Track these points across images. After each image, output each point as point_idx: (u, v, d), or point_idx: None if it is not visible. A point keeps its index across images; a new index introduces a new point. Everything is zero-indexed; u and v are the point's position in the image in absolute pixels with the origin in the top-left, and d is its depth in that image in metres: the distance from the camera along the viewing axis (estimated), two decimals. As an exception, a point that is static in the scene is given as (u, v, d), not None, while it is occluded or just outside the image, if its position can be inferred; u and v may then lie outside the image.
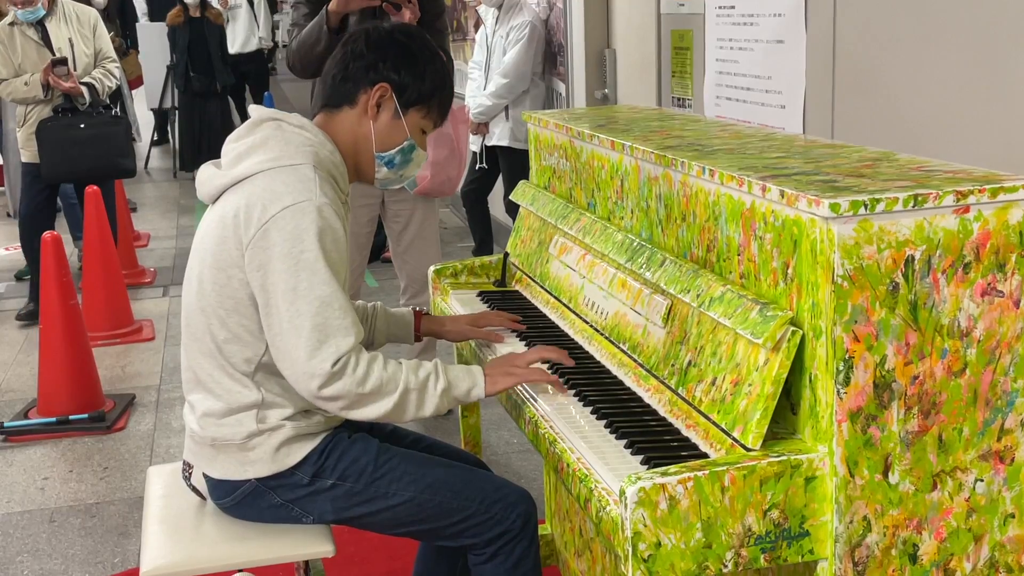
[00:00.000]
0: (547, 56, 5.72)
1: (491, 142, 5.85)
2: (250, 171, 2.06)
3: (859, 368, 1.57)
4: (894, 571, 1.64)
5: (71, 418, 4.26)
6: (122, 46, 10.94)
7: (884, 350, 1.58)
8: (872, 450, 1.60)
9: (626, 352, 2.11)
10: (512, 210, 4.84)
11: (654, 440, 1.82)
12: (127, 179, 6.31)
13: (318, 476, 2.12)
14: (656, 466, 1.66)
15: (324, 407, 2.04)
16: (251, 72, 10.84)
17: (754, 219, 1.75)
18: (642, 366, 2.03)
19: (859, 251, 1.55)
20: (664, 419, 1.89)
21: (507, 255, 2.87)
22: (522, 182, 2.94)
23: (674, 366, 1.90)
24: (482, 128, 5.82)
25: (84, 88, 5.48)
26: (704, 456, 1.72)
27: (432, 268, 2.94)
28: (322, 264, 1.97)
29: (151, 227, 8.17)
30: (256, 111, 2.17)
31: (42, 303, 4.37)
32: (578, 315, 2.37)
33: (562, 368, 2.17)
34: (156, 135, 11.58)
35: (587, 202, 2.52)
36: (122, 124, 5.72)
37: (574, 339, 2.35)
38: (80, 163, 5.52)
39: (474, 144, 5.85)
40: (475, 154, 5.98)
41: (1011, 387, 1.64)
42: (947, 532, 1.66)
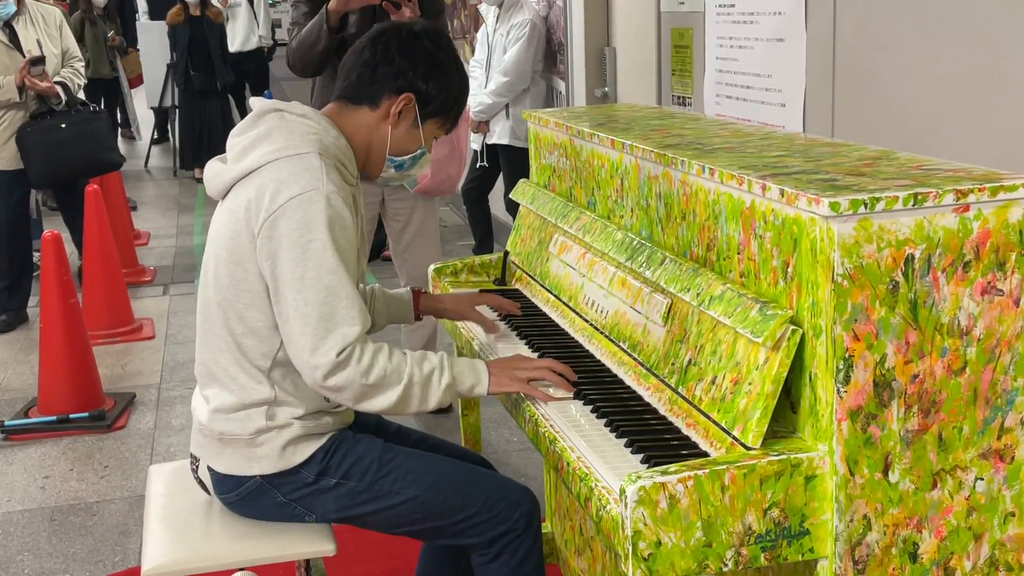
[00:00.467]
0: (547, 54, 5.72)
1: (492, 140, 5.85)
2: (257, 163, 2.06)
3: (859, 367, 1.57)
4: (894, 570, 1.64)
5: (71, 417, 4.27)
6: (122, 44, 10.96)
7: (884, 349, 1.58)
8: (872, 449, 1.60)
9: (626, 351, 2.11)
10: (513, 209, 4.84)
11: (654, 439, 1.82)
12: (127, 179, 6.27)
13: (323, 475, 2.12)
14: (656, 465, 1.66)
15: (330, 397, 2.05)
16: (251, 70, 10.83)
17: (754, 218, 1.75)
18: (642, 365, 2.03)
19: (859, 250, 1.55)
20: (664, 418, 1.89)
21: (507, 254, 2.87)
22: (522, 181, 2.94)
23: (674, 365, 1.90)
24: (483, 126, 5.82)
25: (59, 88, 5.39)
26: (704, 455, 1.72)
27: (432, 267, 2.94)
28: (330, 253, 1.98)
29: (151, 226, 8.16)
30: (257, 103, 2.17)
31: (42, 302, 4.37)
32: (578, 314, 2.37)
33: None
34: (156, 134, 11.58)
35: (587, 201, 2.52)
36: (103, 119, 5.61)
37: (574, 338, 2.35)
38: (67, 164, 5.42)
39: (475, 142, 5.85)
40: (476, 152, 5.97)
41: (1011, 386, 1.64)
42: (947, 531, 1.66)
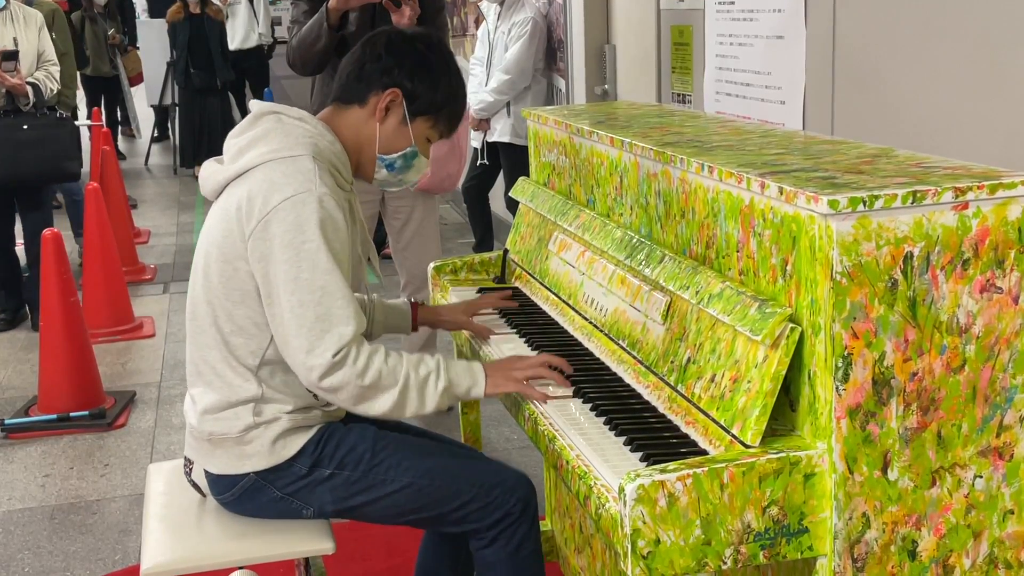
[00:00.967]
0: (547, 52, 5.72)
1: (492, 138, 5.85)
2: (251, 164, 2.08)
3: (858, 365, 1.57)
4: (893, 567, 1.64)
5: (72, 415, 4.27)
6: (122, 43, 10.97)
7: (883, 347, 1.57)
8: (871, 446, 1.59)
9: (625, 349, 2.11)
10: (513, 206, 4.84)
11: (653, 437, 1.82)
12: (128, 177, 6.21)
13: (316, 466, 2.13)
14: (655, 463, 1.66)
15: (327, 398, 2.05)
16: (251, 68, 10.84)
17: (753, 216, 1.75)
18: (641, 363, 2.03)
19: (858, 248, 1.55)
20: (663, 416, 1.89)
21: (507, 252, 2.87)
22: (522, 178, 2.93)
23: (673, 363, 1.90)
24: (483, 124, 5.82)
25: (29, 88, 5.25)
26: (703, 453, 1.72)
27: (432, 264, 2.94)
28: (324, 254, 1.99)
29: (151, 224, 8.17)
30: (256, 105, 2.19)
31: (42, 300, 4.37)
32: (577, 312, 2.37)
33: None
34: (156, 132, 11.59)
35: (586, 199, 2.52)
36: (67, 126, 5.41)
37: (573, 335, 2.34)
38: (23, 166, 5.22)
39: (475, 140, 5.85)
40: (476, 150, 5.97)
41: (1010, 383, 1.64)
42: (946, 528, 1.66)
